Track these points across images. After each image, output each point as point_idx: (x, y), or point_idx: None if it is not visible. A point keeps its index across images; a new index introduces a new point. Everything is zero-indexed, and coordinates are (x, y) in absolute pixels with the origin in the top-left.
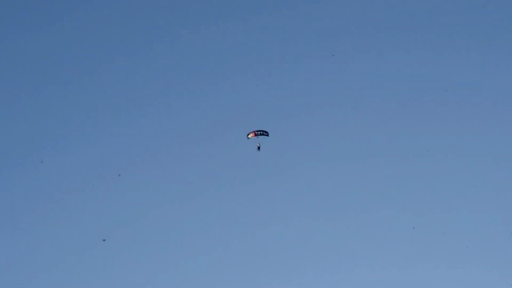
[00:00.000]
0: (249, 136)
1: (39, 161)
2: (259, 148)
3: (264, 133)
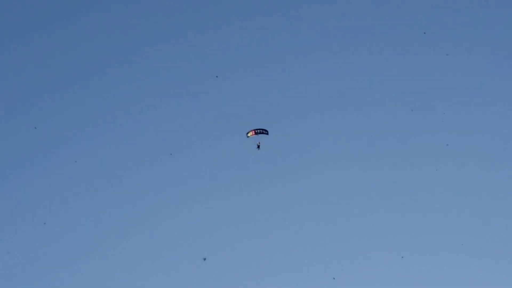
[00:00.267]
0: (249, 135)
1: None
2: (258, 146)
3: (263, 131)
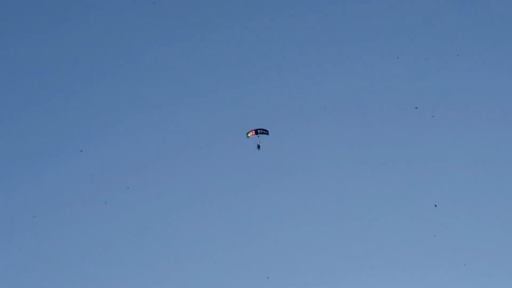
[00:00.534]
0: (249, 135)
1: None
2: (259, 147)
3: (264, 131)
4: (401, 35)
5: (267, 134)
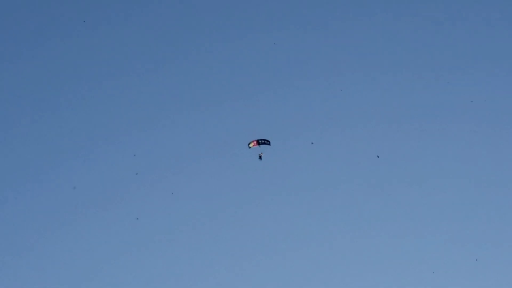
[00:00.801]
0: (251, 146)
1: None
2: (260, 157)
3: (265, 142)
4: (400, 50)
5: (269, 144)
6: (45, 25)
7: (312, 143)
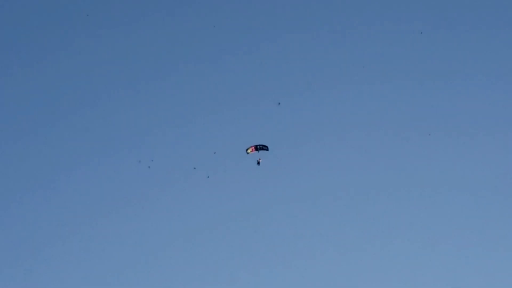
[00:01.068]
0: (249, 151)
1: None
2: (258, 163)
3: (264, 147)
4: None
5: (267, 150)
6: (47, 27)
7: (279, 103)
